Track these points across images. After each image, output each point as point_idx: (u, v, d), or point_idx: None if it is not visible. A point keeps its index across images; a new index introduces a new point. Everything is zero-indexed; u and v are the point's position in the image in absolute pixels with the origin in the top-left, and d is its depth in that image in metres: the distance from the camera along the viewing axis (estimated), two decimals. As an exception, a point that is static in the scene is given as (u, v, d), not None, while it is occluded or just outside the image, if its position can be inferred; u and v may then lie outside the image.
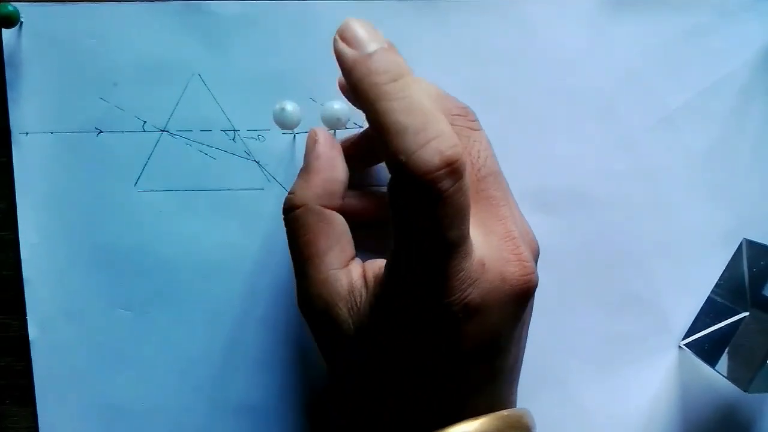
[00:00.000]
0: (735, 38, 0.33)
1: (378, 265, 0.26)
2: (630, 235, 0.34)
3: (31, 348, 0.33)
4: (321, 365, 0.34)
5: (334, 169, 0.28)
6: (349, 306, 0.26)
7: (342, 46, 0.23)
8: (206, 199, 0.33)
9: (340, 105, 0.29)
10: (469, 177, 0.22)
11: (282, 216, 0.28)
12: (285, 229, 0.28)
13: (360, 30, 0.23)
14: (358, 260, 0.28)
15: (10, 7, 0.31)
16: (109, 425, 0.34)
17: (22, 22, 0.31)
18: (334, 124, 0.29)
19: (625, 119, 0.33)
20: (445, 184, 0.21)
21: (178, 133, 0.33)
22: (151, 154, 0.33)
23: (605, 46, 0.33)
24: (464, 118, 0.25)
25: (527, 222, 0.28)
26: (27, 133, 0.32)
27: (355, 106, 0.26)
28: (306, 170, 0.28)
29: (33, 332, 0.33)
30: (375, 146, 0.29)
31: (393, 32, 0.32)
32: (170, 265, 0.33)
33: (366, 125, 0.31)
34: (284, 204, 0.28)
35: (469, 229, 0.23)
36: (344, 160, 0.28)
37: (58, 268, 0.33)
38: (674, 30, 0.33)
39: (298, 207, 0.27)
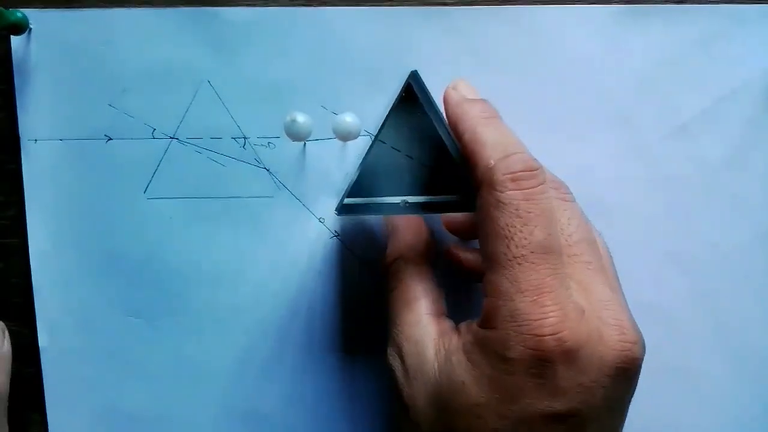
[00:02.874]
0: (750, 46, 0.33)
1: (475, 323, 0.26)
2: (644, 243, 0.33)
3: (41, 355, 0.33)
4: (329, 374, 0.34)
5: (419, 225, 0.31)
6: (437, 348, 0.26)
7: (451, 90, 0.29)
8: (216, 207, 0.33)
9: (352, 118, 0.29)
10: (551, 193, 0.25)
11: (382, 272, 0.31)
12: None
13: (465, 85, 0.30)
14: (449, 319, 0.28)
15: (19, 14, 0.30)
16: (118, 430, 0.34)
17: (31, 29, 0.31)
18: (345, 136, 0.29)
19: (640, 127, 0.33)
20: (529, 183, 0.24)
21: (187, 140, 0.32)
22: (160, 162, 0.32)
23: (619, 54, 0.32)
24: (556, 191, 0.27)
25: (628, 308, 0.26)
26: (36, 140, 0.32)
27: (456, 136, 0.28)
28: (392, 230, 0.31)
29: (42, 339, 0.33)
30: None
31: (404, 39, 0.32)
32: (180, 273, 0.33)
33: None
34: (382, 265, 0.31)
35: (559, 243, 0.24)
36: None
37: (67, 276, 0.33)
38: (689, 38, 0.32)
39: (394, 259, 0.30)
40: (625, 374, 0.24)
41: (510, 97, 0.32)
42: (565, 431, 0.23)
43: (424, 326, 0.27)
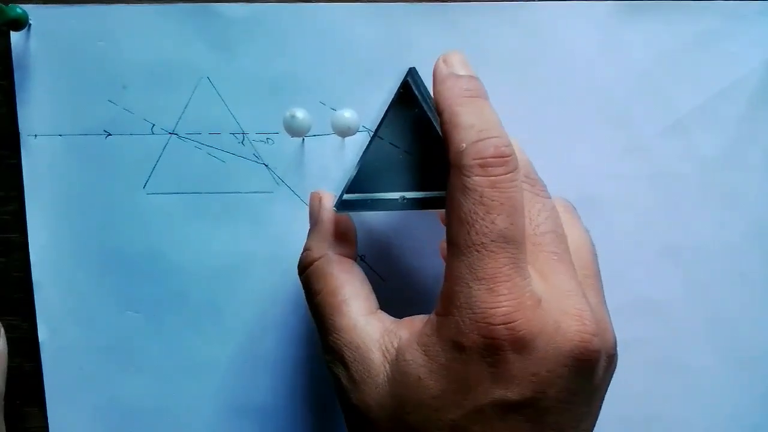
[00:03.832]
0: (747, 43, 0.33)
1: (418, 318, 0.26)
2: (640, 239, 0.34)
3: (41, 349, 0.34)
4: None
5: (344, 219, 0.30)
6: (383, 350, 0.26)
7: (441, 63, 0.28)
8: (215, 202, 0.33)
9: (351, 113, 0.29)
10: (521, 183, 0.25)
11: (298, 275, 0.29)
12: (303, 287, 0.29)
13: (457, 58, 0.28)
14: (383, 312, 0.28)
15: (19, 10, 0.31)
16: (117, 426, 0.34)
17: (30, 25, 0.31)
18: (344, 132, 0.29)
19: (637, 124, 0.33)
20: (497, 170, 0.23)
21: (187, 136, 0.33)
22: (159, 157, 0.33)
23: (616, 50, 0.32)
24: (532, 186, 0.26)
25: (608, 312, 0.26)
26: (36, 136, 0.32)
27: (437, 111, 0.27)
28: (316, 225, 0.30)
29: (43, 334, 0.33)
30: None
31: (403, 35, 0.32)
32: (179, 268, 0.33)
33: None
34: (301, 262, 0.29)
35: (523, 233, 0.24)
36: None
37: (67, 271, 0.33)
38: (686, 35, 0.33)
39: (316, 259, 0.28)
40: (583, 366, 0.23)
41: (507, 93, 0.32)
42: (522, 422, 0.23)
43: (362, 329, 0.26)
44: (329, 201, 0.30)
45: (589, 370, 0.24)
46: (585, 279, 0.26)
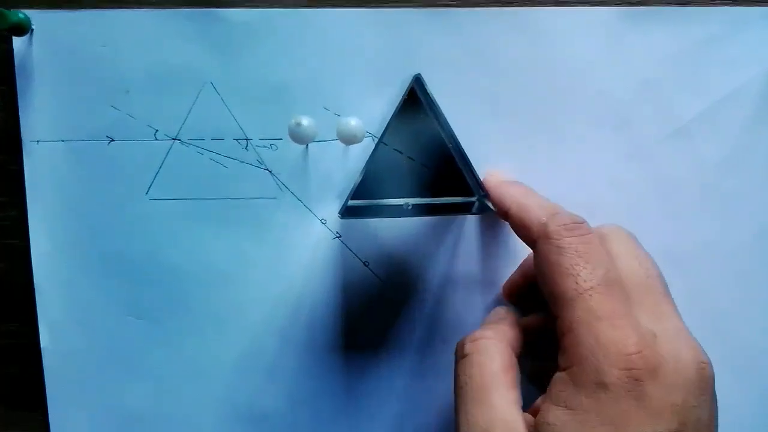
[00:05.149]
0: (750, 49, 0.33)
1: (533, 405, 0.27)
2: (641, 242, 0.33)
3: (43, 355, 0.33)
4: (331, 374, 0.34)
5: (512, 317, 0.31)
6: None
7: (489, 176, 0.32)
8: (218, 208, 0.33)
9: (356, 121, 0.29)
10: (597, 238, 0.27)
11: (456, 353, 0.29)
12: (459, 365, 0.28)
13: (497, 172, 0.32)
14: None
15: (21, 15, 0.30)
16: (119, 431, 0.34)
17: (32, 30, 0.31)
18: (349, 140, 0.29)
19: (640, 129, 0.33)
20: (581, 230, 0.26)
21: (190, 141, 0.32)
22: (162, 163, 0.32)
23: (620, 56, 0.33)
24: (629, 236, 0.29)
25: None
26: (38, 141, 0.32)
27: (500, 213, 0.30)
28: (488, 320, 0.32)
29: (44, 339, 0.33)
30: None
31: (407, 40, 0.32)
32: (181, 274, 0.33)
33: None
34: (466, 338, 0.29)
35: (620, 278, 0.26)
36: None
37: (69, 276, 0.33)
38: (689, 41, 0.33)
39: (484, 339, 0.29)
40: (707, 392, 0.25)
41: (511, 98, 0.33)
42: None
43: (514, 420, 0.26)
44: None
45: (712, 396, 0.25)
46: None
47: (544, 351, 0.28)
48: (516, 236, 0.32)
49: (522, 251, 0.33)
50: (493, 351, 0.28)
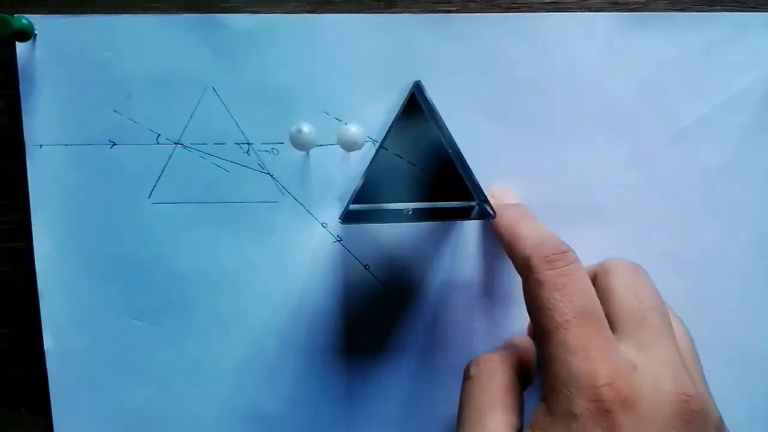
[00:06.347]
0: (751, 54, 0.33)
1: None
2: (643, 249, 0.34)
3: (46, 357, 0.34)
4: (332, 376, 0.34)
5: (526, 345, 0.32)
6: None
7: (490, 198, 0.31)
8: (220, 212, 0.33)
9: (356, 128, 0.29)
10: (584, 271, 0.27)
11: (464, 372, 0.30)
12: (467, 382, 0.29)
13: (502, 191, 0.33)
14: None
15: (24, 21, 0.31)
16: (122, 432, 0.34)
17: (36, 35, 0.31)
18: (350, 146, 0.29)
19: (641, 133, 0.33)
20: (560, 263, 0.27)
21: (192, 146, 0.33)
22: (165, 167, 0.33)
23: (621, 61, 0.33)
24: (635, 272, 0.30)
25: (708, 388, 0.27)
26: (41, 146, 0.32)
27: (497, 236, 0.31)
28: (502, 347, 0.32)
29: (47, 342, 0.34)
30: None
31: (407, 46, 0.32)
32: (183, 277, 0.33)
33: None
34: (473, 360, 0.30)
35: (600, 309, 0.26)
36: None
37: (72, 279, 0.33)
38: (690, 45, 0.33)
39: (489, 362, 0.29)
40: (692, 427, 0.24)
41: (512, 104, 0.33)
42: None
43: None
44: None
45: (690, 421, 0.24)
46: (685, 360, 0.27)
47: None
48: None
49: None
50: (496, 374, 0.28)
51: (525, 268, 0.27)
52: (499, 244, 0.31)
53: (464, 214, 0.31)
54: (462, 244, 0.33)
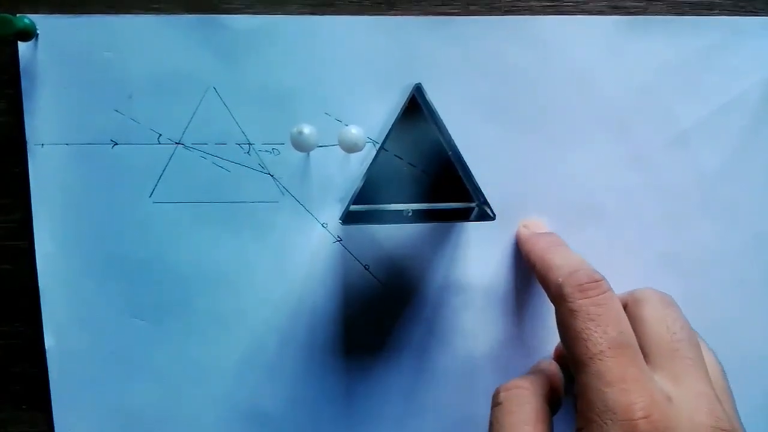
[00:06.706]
0: (749, 58, 0.33)
1: None
2: (642, 249, 0.34)
3: (47, 355, 0.34)
4: (331, 376, 0.34)
5: (553, 371, 0.32)
6: None
7: (522, 228, 0.33)
8: (220, 212, 0.33)
9: (357, 130, 0.29)
10: (617, 300, 0.27)
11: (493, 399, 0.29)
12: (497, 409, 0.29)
13: (535, 222, 0.33)
14: None
15: (27, 21, 0.31)
16: (123, 430, 0.35)
17: (37, 35, 0.31)
18: (351, 148, 0.29)
19: (639, 136, 0.33)
20: (594, 292, 0.27)
21: (193, 146, 0.33)
22: (166, 167, 0.33)
23: (620, 64, 0.33)
24: (667, 304, 0.29)
25: (740, 419, 0.27)
26: (43, 145, 0.32)
27: (529, 265, 0.31)
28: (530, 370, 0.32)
29: (48, 340, 0.34)
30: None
31: (408, 48, 0.32)
32: (184, 276, 0.34)
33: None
34: (502, 386, 0.30)
35: (634, 339, 0.26)
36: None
37: (73, 278, 0.33)
38: (689, 49, 0.33)
39: (518, 388, 0.29)
40: None
41: (511, 106, 0.33)
42: None
43: None
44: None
45: None
46: (717, 392, 0.27)
47: None
48: (513, 242, 0.33)
49: (519, 256, 0.34)
50: (525, 401, 0.28)
51: (558, 296, 0.27)
52: (532, 272, 0.31)
53: (464, 216, 0.31)
54: (461, 245, 0.34)
